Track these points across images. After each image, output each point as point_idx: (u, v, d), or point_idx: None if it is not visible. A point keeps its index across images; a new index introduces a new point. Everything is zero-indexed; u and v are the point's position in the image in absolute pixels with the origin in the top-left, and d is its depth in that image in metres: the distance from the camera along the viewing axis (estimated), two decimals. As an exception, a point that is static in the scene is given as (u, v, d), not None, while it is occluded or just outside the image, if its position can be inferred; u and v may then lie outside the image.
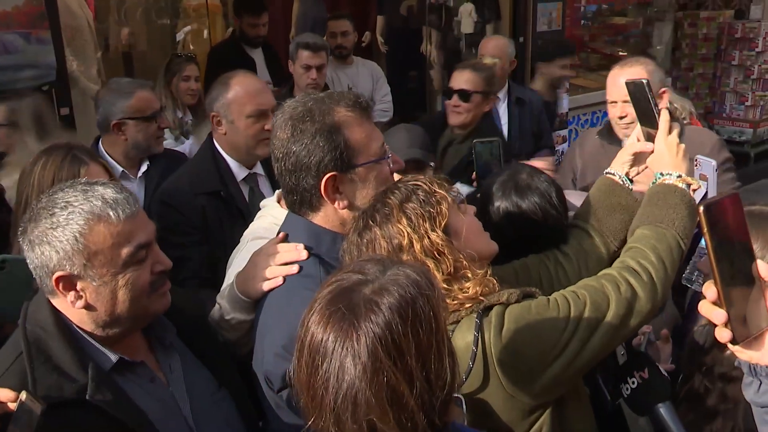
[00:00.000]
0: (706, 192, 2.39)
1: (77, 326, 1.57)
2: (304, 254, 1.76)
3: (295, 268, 1.77)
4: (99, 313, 1.55)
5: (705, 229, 1.03)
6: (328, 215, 1.78)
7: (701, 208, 1.03)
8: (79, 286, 1.53)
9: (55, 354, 1.48)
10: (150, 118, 3.14)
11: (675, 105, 3.86)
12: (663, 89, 3.15)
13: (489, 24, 6.33)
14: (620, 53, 8.16)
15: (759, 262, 1.07)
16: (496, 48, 4.54)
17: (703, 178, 2.41)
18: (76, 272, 1.51)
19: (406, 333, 1.18)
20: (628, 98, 2.96)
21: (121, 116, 3.10)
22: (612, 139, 3.21)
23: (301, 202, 1.78)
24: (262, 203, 2.44)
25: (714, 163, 2.44)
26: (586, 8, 7.85)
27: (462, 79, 3.73)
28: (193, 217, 2.72)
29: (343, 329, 1.18)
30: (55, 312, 1.56)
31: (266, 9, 5.11)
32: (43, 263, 1.51)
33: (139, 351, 1.67)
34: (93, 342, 1.58)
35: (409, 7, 6.82)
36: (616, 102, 3.11)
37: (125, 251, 1.53)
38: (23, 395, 1.32)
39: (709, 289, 1.05)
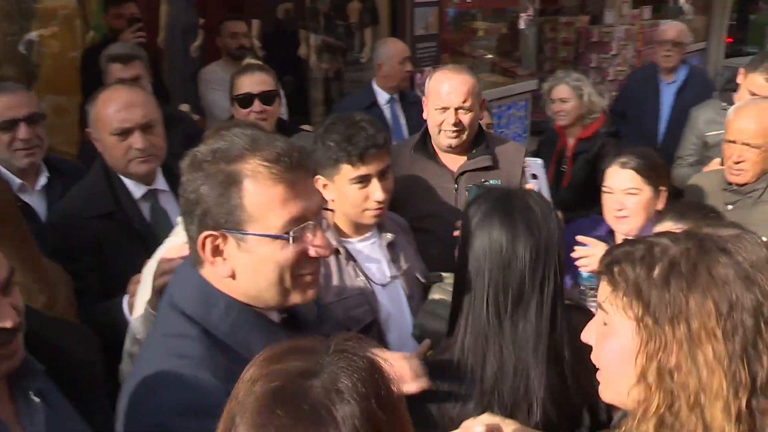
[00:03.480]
0: (539, 189, 2.53)
1: None
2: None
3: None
4: None
5: None
6: (213, 275, 1.46)
7: None
8: None
9: None
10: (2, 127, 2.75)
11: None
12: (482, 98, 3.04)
13: (367, 28, 6.29)
14: (487, 56, 8.44)
15: None
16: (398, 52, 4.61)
17: (534, 177, 2.55)
18: None
19: (381, 415, 1.00)
20: (463, 105, 2.80)
21: None
22: (427, 153, 3.03)
23: (192, 252, 1.48)
24: (178, 219, 2.25)
25: (540, 161, 2.60)
26: (451, 12, 8.05)
27: (256, 81, 3.41)
28: (85, 243, 2.49)
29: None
30: None
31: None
32: None
33: None
34: None
35: (286, 10, 6.63)
36: (446, 108, 2.92)
37: None
38: None
39: None
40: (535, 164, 2.59)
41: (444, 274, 2.50)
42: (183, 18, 6.19)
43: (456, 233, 2.46)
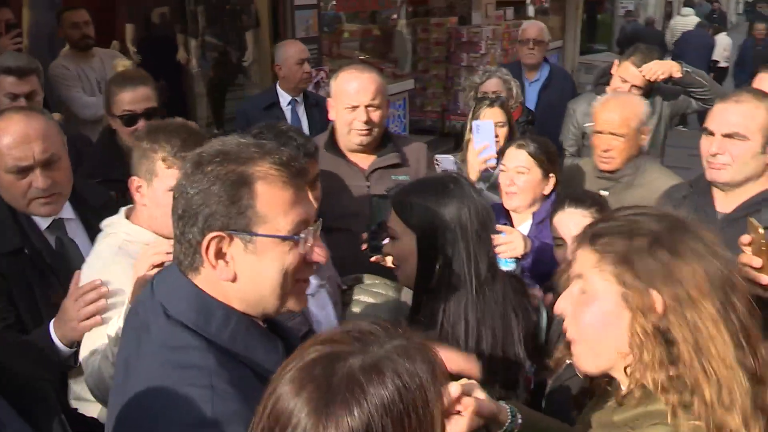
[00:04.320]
0: None
1: None
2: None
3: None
4: None
5: None
6: (211, 280, 1.44)
7: None
8: None
9: None
10: None
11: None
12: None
13: (248, 31, 6.20)
14: (363, 57, 8.57)
15: None
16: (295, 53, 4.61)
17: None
18: None
19: (386, 427, 1.03)
20: (372, 103, 2.84)
21: None
22: (337, 152, 3.06)
23: (183, 257, 1.46)
24: (103, 223, 2.19)
25: (452, 158, 2.73)
26: (326, 15, 8.09)
27: (139, 98, 3.12)
28: None
29: (317, 409, 1.03)
30: None
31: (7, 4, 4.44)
32: None
33: None
34: None
35: (161, 14, 6.38)
36: (356, 107, 2.94)
37: None
38: None
39: None
40: (447, 160, 2.67)
41: (362, 276, 2.56)
42: (48, 22, 5.82)
43: (364, 246, 2.52)
